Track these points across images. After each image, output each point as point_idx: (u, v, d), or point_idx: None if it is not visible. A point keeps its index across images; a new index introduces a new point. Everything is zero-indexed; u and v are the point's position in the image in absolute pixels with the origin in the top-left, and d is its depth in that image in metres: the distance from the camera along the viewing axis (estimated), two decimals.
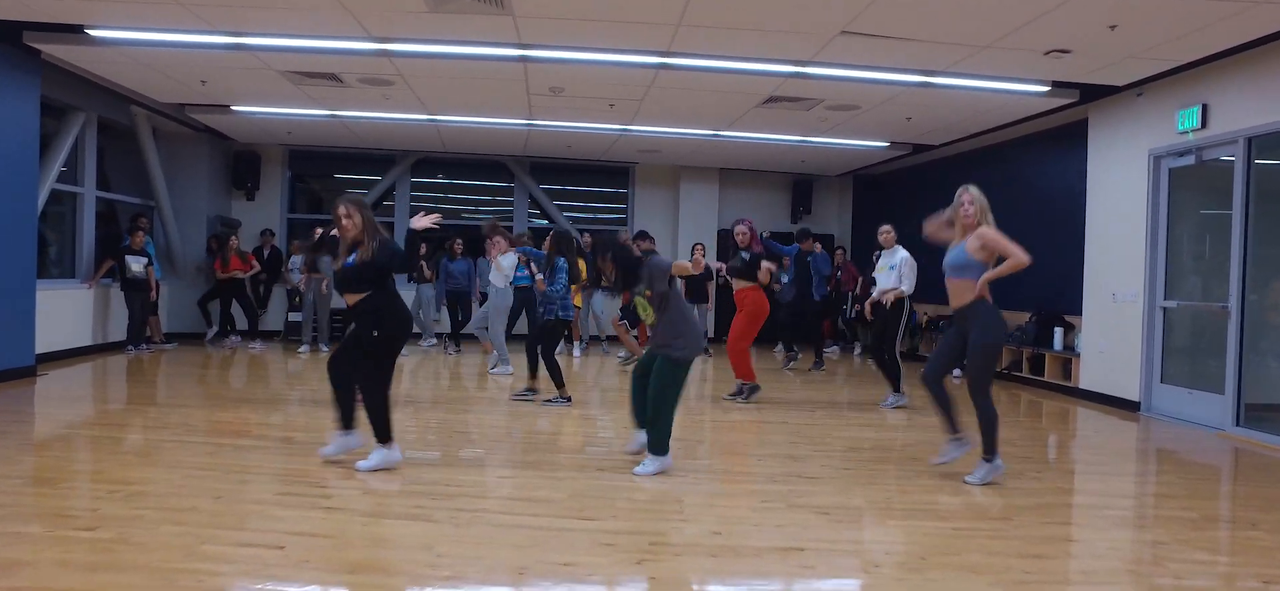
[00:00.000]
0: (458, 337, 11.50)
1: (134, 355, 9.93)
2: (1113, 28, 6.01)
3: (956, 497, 4.56)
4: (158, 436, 5.47)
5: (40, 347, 8.20)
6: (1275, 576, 3.47)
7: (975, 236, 4.72)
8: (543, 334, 7.13)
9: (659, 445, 4.74)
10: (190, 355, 10.22)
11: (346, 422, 4.83)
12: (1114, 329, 8.17)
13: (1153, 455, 6.19)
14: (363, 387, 4.69)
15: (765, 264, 7.25)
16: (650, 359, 4.86)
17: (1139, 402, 7.78)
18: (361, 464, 4.62)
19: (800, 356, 10.79)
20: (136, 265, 10.05)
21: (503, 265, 8.62)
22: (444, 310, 11.92)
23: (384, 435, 4.65)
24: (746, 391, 7.51)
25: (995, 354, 4.83)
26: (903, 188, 12.68)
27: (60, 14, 6.75)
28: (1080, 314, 8.82)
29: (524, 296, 8.81)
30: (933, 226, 5.05)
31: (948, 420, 4.91)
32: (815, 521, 4.06)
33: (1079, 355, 8.76)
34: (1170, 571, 3.53)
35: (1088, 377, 8.56)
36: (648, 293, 4.79)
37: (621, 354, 11.45)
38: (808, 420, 6.84)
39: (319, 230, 5.00)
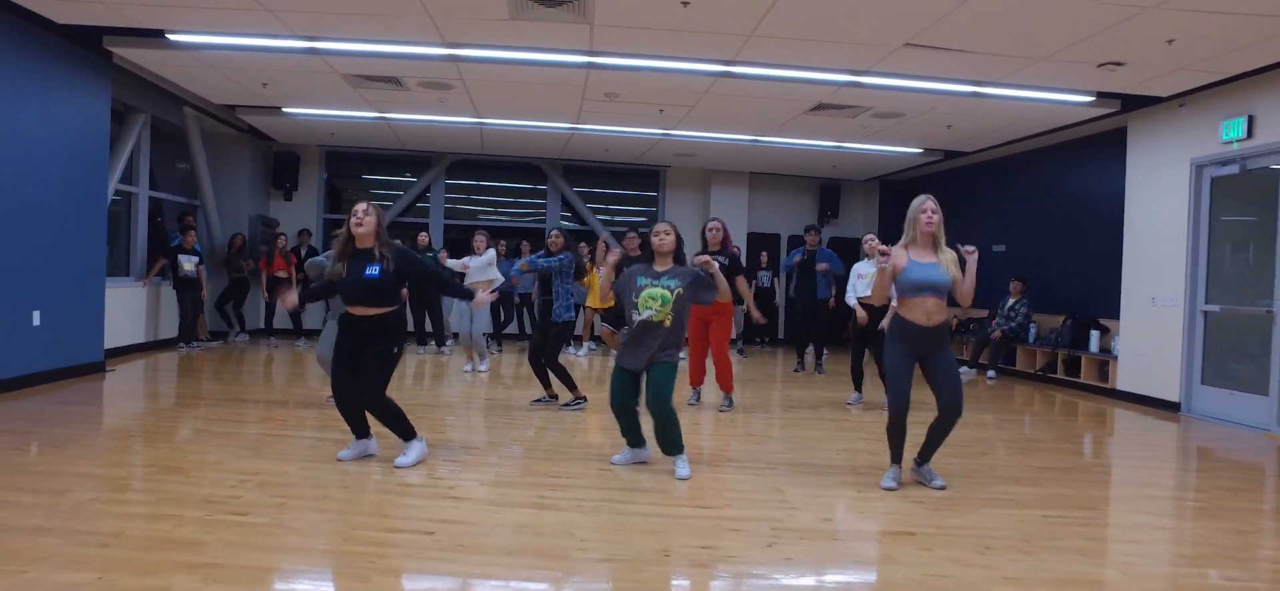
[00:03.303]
0: (499, 338, 11.70)
1: (185, 353, 10.10)
2: (1170, 42, 6.26)
3: (1034, 488, 4.79)
4: (253, 430, 5.67)
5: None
6: None
7: (951, 259, 4.51)
8: (556, 339, 6.83)
9: (679, 444, 4.73)
10: (237, 353, 10.41)
11: (363, 431, 4.86)
12: (1152, 331, 8.42)
13: (1207, 453, 6.42)
14: (375, 405, 4.67)
15: (747, 295, 7.30)
16: (631, 374, 4.76)
17: (1179, 403, 8.03)
18: (401, 460, 4.70)
19: (822, 367, 10.34)
20: (189, 264, 10.25)
21: (472, 264, 8.91)
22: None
23: (409, 432, 4.77)
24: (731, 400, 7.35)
25: None
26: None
27: (145, 19, 6.94)
28: (1116, 317, 9.07)
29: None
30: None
31: (900, 450, 4.71)
32: (914, 508, 4.29)
33: (1116, 357, 9.01)
34: (1267, 558, 3.76)
35: (1125, 379, 8.81)
36: (679, 290, 4.69)
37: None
38: (861, 416, 7.06)
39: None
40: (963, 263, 4.56)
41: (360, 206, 4.69)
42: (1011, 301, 10.61)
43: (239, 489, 4.18)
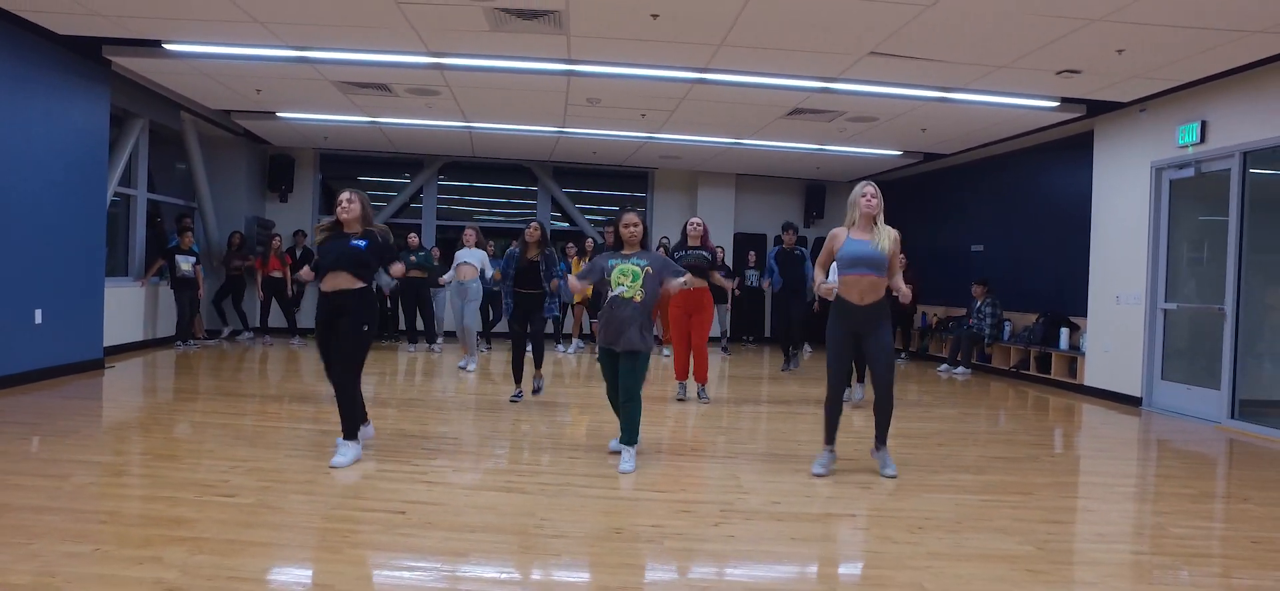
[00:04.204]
0: (489, 336, 12.00)
1: (183, 351, 10.41)
2: (1120, 51, 6.56)
3: (978, 476, 5.08)
4: (246, 421, 5.98)
5: None
6: (1264, 539, 4.01)
7: (891, 236, 4.74)
8: (542, 331, 7.13)
9: (635, 435, 4.95)
10: (238, 351, 10.72)
11: (362, 417, 4.95)
12: (1117, 329, 8.71)
13: (1155, 444, 6.72)
14: (348, 384, 4.77)
15: (721, 278, 7.58)
16: (611, 353, 4.97)
17: (1140, 398, 8.32)
18: (338, 459, 4.71)
19: (799, 360, 10.69)
20: (186, 264, 10.54)
21: (461, 257, 9.29)
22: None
23: (354, 431, 4.83)
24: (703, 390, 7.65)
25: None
26: (912, 194, 13.22)
27: (142, 30, 7.24)
28: (1085, 315, 9.36)
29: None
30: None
31: (833, 432, 4.99)
32: (859, 492, 4.59)
33: (1084, 354, 9.30)
34: (1173, 535, 4.06)
35: (1092, 375, 9.10)
36: (648, 269, 4.93)
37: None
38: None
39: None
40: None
41: (344, 195, 4.88)
42: (978, 304, 10.91)
43: (229, 474, 4.48)
